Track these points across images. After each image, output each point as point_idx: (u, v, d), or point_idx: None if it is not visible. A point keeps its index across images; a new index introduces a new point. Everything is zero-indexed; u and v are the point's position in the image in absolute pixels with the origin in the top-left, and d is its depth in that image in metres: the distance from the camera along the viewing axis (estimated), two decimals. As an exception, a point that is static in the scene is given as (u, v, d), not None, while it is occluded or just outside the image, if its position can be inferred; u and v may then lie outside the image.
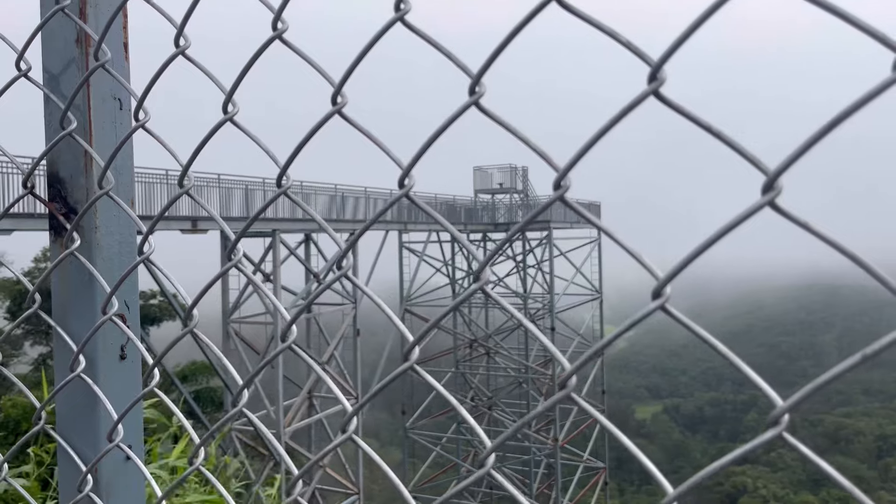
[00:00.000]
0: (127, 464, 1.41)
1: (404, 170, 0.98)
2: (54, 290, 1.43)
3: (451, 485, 34.46)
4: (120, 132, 1.43)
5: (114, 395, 1.38)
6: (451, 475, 34.95)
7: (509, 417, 33.51)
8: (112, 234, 1.41)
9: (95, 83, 1.38)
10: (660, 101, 0.75)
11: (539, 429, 32.87)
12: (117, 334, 1.40)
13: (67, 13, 1.36)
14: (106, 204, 1.38)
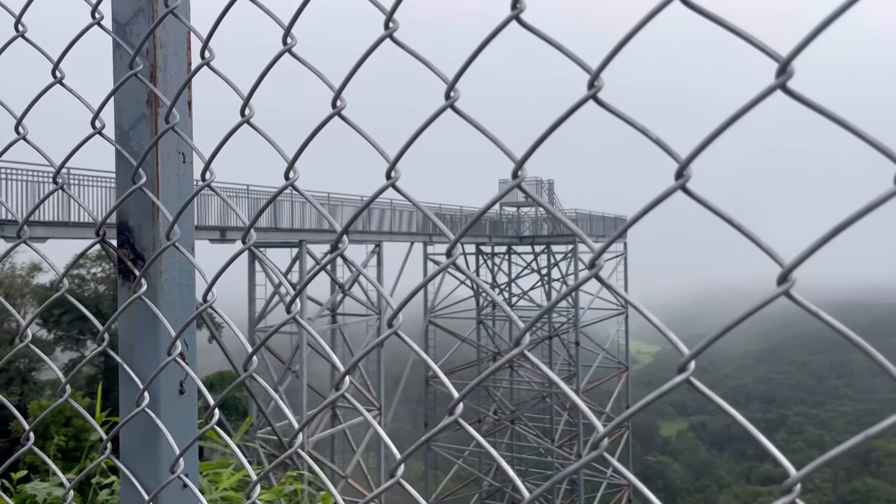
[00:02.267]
0: (184, 492, 1.52)
1: (390, 163, 1.10)
2: (121, 329, 1.55)
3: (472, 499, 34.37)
4: (183, 184, 1.55)
5: (173, 427, 1.49)
6: (473, 488, 34.84)
7: (532, 431, 33.37)
8: (174, 279, 1.53)
9: (163, 140, 1.50)
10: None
11: (562, 444, 32.68)
12: (177, 371, 1.52)
13: (140, 77, 1.49)
14: (170, 252, 1.50)
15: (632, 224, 0.88)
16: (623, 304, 34.18)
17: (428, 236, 28.93)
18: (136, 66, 1.48)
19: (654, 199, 0.87)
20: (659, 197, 0.86)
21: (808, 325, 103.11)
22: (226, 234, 19.97)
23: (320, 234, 23.35)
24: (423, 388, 32.51)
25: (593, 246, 0.91)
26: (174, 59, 1.54)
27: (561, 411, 33.46)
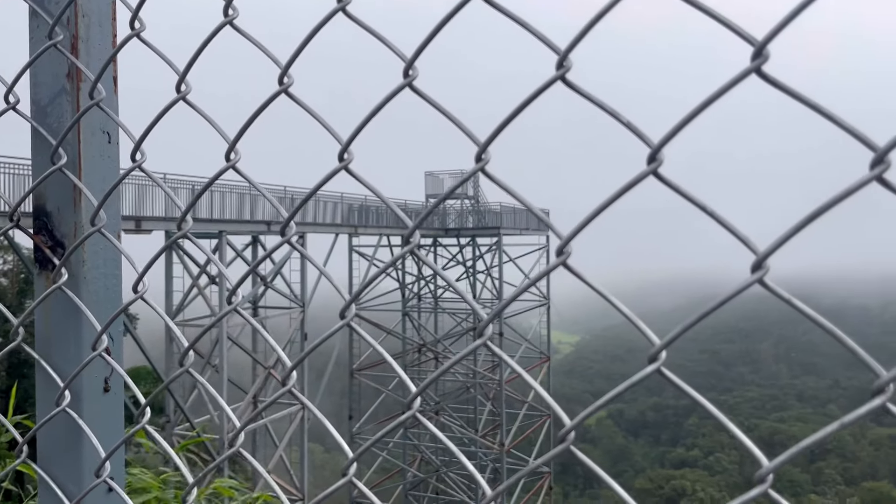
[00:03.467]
0: (110, 496, 1.41)
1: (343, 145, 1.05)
2: (38, 323, 1.43)
3: (397, 490, 34.39)
4: (108, 166, 1.43)
5: (98, 428, 1.38)
6: (398, 480, 34.86)
7: (456, 422, 33.62)
8: (98, 268, 1.41)
9: (86, 117, 1.38)
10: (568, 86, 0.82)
11: (486, 434, 33.08)
12: (101, 367, 1.41)
13: (60, 49, 1.36)
14: (94, 239, 1.38)
15: (602, 209, 0.85)
16: (545, 295, 34.85)
17: (353, 228, 28.64)
18: (56, 37, 1.36)
19: (626, 183, 0.85)
20: (631, 181, 0.83)
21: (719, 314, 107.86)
22: (141, 224, 19.19)
23: (241, 224, 22.75)
24: (348, 380, 32.24)
25: (562, 234, 0.88)
26: (98, 29, 1.42)
27: (484, 401, 33.85)
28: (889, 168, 0.72)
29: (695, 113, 0.81)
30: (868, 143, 0.73)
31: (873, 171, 0.73)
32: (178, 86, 1.20)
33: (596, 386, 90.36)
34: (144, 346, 20.42)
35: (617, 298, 0.94)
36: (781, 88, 0.76)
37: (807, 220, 0.75)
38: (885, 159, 0.72)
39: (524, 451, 34.29)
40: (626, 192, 0.83)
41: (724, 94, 0.80)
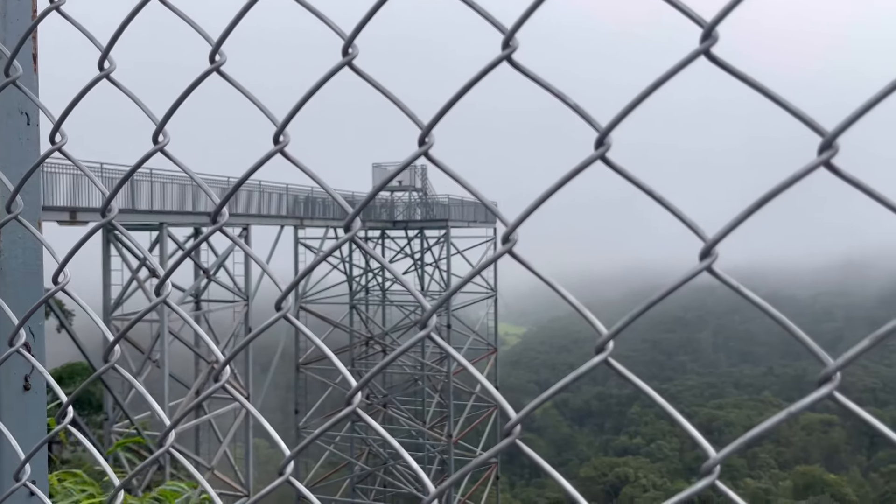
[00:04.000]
0: (31, 500, 1.33)
1: (278, 127, 1.00)
2: (-50, 317, 1.32)
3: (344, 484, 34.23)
4: (27, 149, 1.34)
5: (17, 428, 1.29)
6: (345, 473, 34.68)
7: (404, 414, 33.62)
8: (16, 258, 1.32)
9: (1, 97, 1.29)
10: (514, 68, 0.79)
11: (433, 425, 33.17)
12: (21, 364, 1.32)
13: (-28, 21, 1.27)
14: (11, 227, 1.29)
15: (549, 195, 0.83)
16: (492, 287, 35.09)
17: (299, 220, 28.25)
18: (-33, 8, 1.26)
19: (573, 169, 0.82)
20: (578, 166, 0.81)
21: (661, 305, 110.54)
22: (76, 214, 18.50)
23: (183, 216, 22.17)
24: (294, 374, 31.87)
25: (508, 221, 0.85)
26: (16, 3, 1.33)
27: (432, 393, 33.92)
28: (837, 153, 0.72)
29: (643, 96, 0.79)
30: (816, 127, 0.72)
31: (821, 155, 0.72)
32: (100, 63, 1.12)
33: (542, 376, 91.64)
34: (81, 342, 19.75)
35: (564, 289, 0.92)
36: (730, 71, 0.75)
37: (757, 205, 0.73)
38: (834, 144, 0.71)
39: (471, 442, 34.53)
40: (573, 177, 0.81)
41: (673, 76, 0.78)
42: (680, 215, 0.79)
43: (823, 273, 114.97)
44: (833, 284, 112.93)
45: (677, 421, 0.79)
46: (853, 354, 0.68)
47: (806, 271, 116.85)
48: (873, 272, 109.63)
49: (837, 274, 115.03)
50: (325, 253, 0.95)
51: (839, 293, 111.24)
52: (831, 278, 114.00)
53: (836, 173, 0.71)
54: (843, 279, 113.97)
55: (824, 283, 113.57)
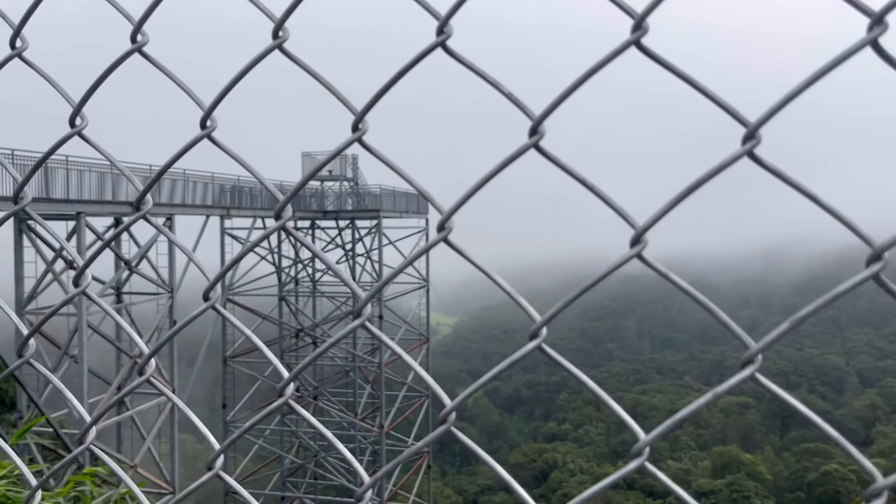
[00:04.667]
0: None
1: (205, 111, 0.98)
2: None
3: (274, 477, 33.77)
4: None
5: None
6: (275, 467, 34.22)
7: (335, 406, 33.38)
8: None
9: None
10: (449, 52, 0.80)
11: (365, 417, 33.06)
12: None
13: None
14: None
15: (484, 183, 0.83)
16: (425, 277, 35.16)
17: (225, 209, 27.56)
18: None
19: (507, 157, 0.82)
20: (513, 154, 0.81)
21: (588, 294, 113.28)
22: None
23: (101, 205, 21.28)
24: (221, 368, 31.16)
25: (443, 209, 0.85)
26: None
27: (364, 385, 33.79)
28: (759, 143, 0.74)
29: (575, 85, 0.79)
30: (740, 118, 0.75)
31: (745, 145, 0.74)
32: (11, 42, 1.06)
33: (473, 366, 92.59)
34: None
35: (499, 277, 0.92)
36: (658, 62, 0.77)
37: (683, 194, 0.75)
38: (756, 134, 0.74)
39: (403, 432, 34.61)
40: (507, 165, 0.81)
41: (604, 66, 0.79)
42: (611, 203, 0.80)
43: (744, 262, 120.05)
44: (752, 273, 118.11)
45: (608, 404, 0.81)
46: (774, 337, 0.71)
47: (728, 260, 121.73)
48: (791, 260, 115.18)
49: (757, 263, 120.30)
50: (254, 241, 0.93)
51: (757, 281, 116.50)
52: (751, 267, 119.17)
53: (758, 163, 0.74)
54: (762, 268, 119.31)
55: (745, 271, 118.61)
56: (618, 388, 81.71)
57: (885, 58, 0.70)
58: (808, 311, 0.69)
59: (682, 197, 0.76)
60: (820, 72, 0.69)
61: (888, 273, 0.72)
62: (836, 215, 0.70)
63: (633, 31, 0.78)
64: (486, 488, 62.31)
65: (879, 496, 0.68)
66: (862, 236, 0.69)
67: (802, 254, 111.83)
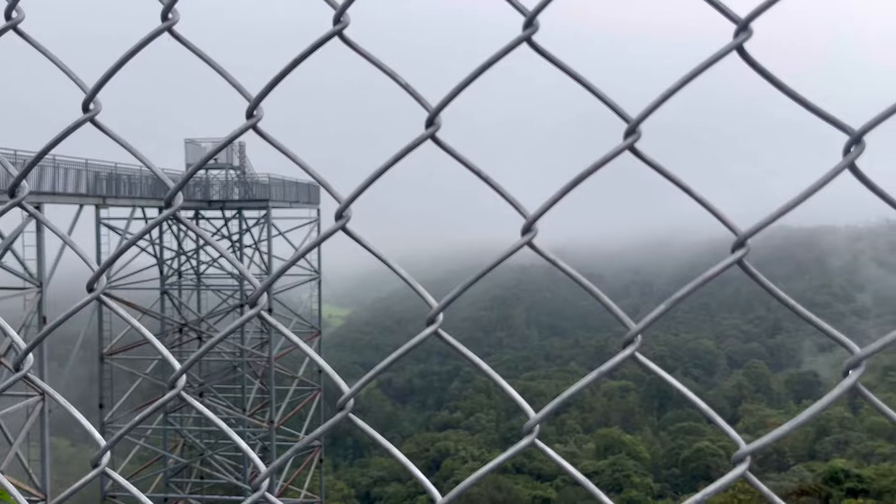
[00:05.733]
0: None
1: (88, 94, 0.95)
2: None
3: (156, 479, 32.38)
4: None
5: None
6: (158, 468, 32.81)
7: (222, 402, 32.36)
8: None
9: None
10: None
11: (254, 412, 32.27)
12: None
13: None
14: None
15: (381, 173, 0.84)
16: (316, 269, 34.65)
17: (101, 199, 26.01)
18: None
19: (404, 148, 0.84)
20: (409, 146, 0.82)
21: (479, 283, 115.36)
22: None
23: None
24: (98, 366, 29.47)
25: (339, 196, 0.85)
26: None
27: (253, 380, 32.94)
28: (640, 138, 0.80)
29: (470, 79, 0.82)
30: (622, 114, 0.80)
31: (626, 140, 0.79)
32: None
33: (366, 357, 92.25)
34: None
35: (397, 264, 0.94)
36: (547, 58, 0.80)
37: (570, 186, 0.80)
38: (637, 129, 0.79)
39: (294, 427, 34.03)
40: (404, 156, 0.82)
41: (497, 61, 0.82)
42: (503, 193, 0.84)
43: (628, 253, 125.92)
44: (634, 263, 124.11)
45: (501, 385, 0.84)
46: (652, 318, 0.76)
47: (613, 251, 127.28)
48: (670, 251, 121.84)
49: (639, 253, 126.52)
50: (145, 229, 0.90)
51: (638, 271, 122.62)
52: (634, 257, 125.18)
53: (638, 157, 0.79)
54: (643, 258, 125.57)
55: (627, 261, 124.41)
56: (507, 375, 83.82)
57: (750, 62, 0.77)
58: (682, 294, 0.75)
59: (568, 189, 0.80)
60: (691, 74, 0.75)
61: (752, 259, 0.80)
62: (705, 205, 0.76)
63: (525, 29, 0.81)
64: (379, 479, 62.40)
65: (743, 461, 0.75)
66: (728, 225, 0.76)
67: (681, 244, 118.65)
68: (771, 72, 0.78)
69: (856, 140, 0.76)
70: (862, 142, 0.77)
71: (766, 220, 0.74)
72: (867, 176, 0.78)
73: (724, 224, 0.77)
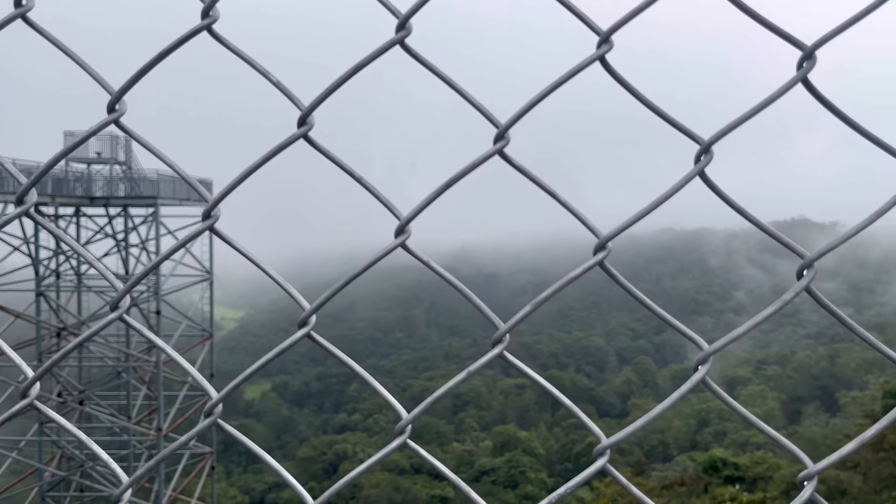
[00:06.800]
0: None
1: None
2: None
3: (31, 493, 30.30)
4: None
5: None
6: (33, 481, 30.71)
7: (105, 410, 30.68)
8: None
9: None
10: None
11: (140, 420, 30.79)
12: None
13: None
14: None
15: (250, 173, 0.82)
16: (208, 269, 33.47)
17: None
18: None
19: (274, 147, 0.82)
20: (280, 144, 0.81)
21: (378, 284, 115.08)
22: None
23: None
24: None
25: (207, 195, 0.83)
26: None
27: (139, 385, 31.42)
28: (509, 143, 0.82)
29: (341, 81, 0.82)
30: (491, 119, 0.82)
31: (496, 145, 0.81)
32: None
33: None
34: None
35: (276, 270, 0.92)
36: (419, 61, 0.81)
37: (441, 190, 0.81)
38: (506, 135, 0.81)
39: (183, 433, 32.75)
40: (275, 155, 0.81)
41: (369, 63, 0.82)
42: (377, 195, 0.84)
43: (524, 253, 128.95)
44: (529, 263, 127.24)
45: (373, 386, 0.84)
46: (518, 318, 0.79)
47: (511, 252, 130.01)
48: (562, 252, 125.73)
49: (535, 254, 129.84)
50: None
51: (533, 271, 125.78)
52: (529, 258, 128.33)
53: (507, 161, 0.82)
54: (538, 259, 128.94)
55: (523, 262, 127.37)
56: (406, 375, 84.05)
57: (611, 73, 0.81)
58: (546, 296, 0.78)
59: (438, 193, 0.81)
60: (556, 83, 0.78)
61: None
62: (568, 208, 0.79)
63: (397, 31, 0.82)
64: (274, 485, 60.95)
65: (603, 454, 0.79)
66: (590, 228, 0.79)
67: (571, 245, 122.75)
68: (630, 82, 0.82)
69: (705, 150, 0.82)
70: (710, 151, 0.82)
71: (625, 224, 0.78)
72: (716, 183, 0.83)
73: (586, 227, 0.80)
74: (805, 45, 0.86)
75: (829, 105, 0.86)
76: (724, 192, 0.82)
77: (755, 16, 0.81)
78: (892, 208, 0.83)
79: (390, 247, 0.81)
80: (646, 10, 0.76)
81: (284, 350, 0.78)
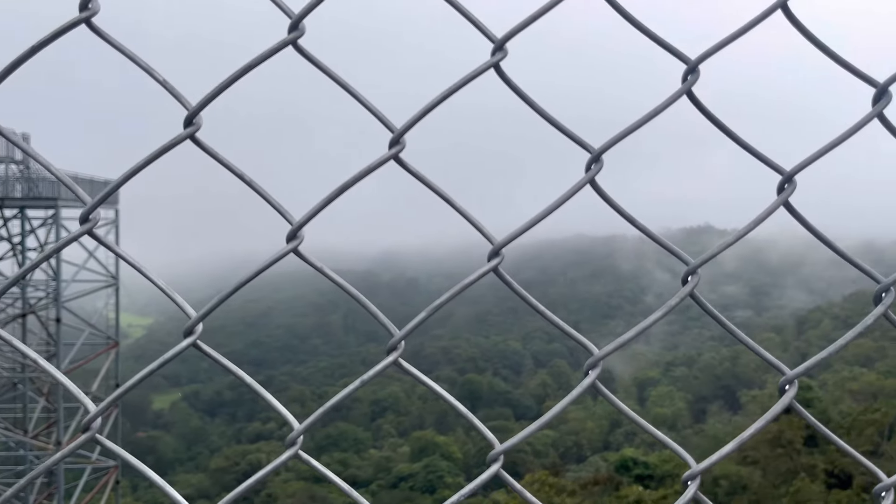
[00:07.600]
0: None
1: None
2: None
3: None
4: None
5: None
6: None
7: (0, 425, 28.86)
8: None
9: None
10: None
11: (38, 434, 29.11)
12: None
13: None
14: None
15: (133, 174, 0.78)
16: (114, 275, 32.05)
17: None
18: None
19: (158, 149, 0.79)
20: (165, 146, 0.78)
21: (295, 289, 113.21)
22: None
23: None
24: None
25: (86, 198, 0.78)
26: None
27: (37, 397, 29.71)
28: (404, 148, 0.82)
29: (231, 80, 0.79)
30: (387, 124, 0.81)
31: (391, 150, 0.81)
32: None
33: (168, 369, 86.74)
34: None
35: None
36: (312, 62, 0.80)
37: (334, 195, 0.80)
38: (401, 140, 0.81)
39: (89, 448, 31.16)
40: (156, 158, 0.77)
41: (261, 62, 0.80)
42: (269, 200, 0.82)
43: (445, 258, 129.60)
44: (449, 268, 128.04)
45: (264, 396, 0.82)
46: (413, 325, 0.78)
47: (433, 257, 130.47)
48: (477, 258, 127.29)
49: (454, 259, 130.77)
50: None
51: (451, 275, 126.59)
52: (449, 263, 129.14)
53: (402, 167, 0.81)
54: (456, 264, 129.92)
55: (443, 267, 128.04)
56: (323, 382, 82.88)
57: (504, 80, 0.82)
58: (441, 301, 0.78)
59: (332, 198, 0.80)
60: (450, 90, 0.78)
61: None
62: (464, 215, 0.80)
63: (290, 32, 0.80)
64: (185, 497, 58.78)
65: (497, 460, 0.79)
66: (485, 235, 0.80)
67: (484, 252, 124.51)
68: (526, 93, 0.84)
69: (595, 158, 0.84)
70: (601, 160, 0.84)
71: (517, 232, 0.79)
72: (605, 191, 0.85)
73: (481, 234, 0.81)
74: (689, 59, 0.90)
75: (710, 117, 0.91)
76: (613, 200, 0.84)
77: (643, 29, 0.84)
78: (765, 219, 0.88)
79: (281, 253, 0.79)
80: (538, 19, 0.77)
81: (168, 361, 0.75)
